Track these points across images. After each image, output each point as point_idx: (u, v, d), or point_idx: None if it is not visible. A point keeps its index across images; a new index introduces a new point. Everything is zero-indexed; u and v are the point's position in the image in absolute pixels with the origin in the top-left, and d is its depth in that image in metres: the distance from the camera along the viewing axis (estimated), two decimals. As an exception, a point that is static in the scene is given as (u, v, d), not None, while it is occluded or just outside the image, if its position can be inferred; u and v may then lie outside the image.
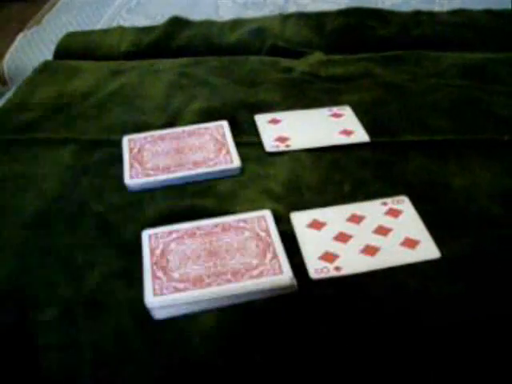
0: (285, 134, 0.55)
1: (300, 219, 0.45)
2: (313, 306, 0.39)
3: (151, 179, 0.50)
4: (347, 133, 0.55)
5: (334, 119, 0.57)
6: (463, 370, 0.35)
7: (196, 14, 0.85)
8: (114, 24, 0.88)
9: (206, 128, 0.56)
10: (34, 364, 0.37)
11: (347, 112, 0.58)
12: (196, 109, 0.60)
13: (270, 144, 0.54)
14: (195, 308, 0.39)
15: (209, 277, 0.40)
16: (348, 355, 0.36)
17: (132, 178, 0.50)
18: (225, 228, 0.44)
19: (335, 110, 0.58)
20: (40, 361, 0.37)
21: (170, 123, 0.58)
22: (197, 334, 0.38)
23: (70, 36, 0.81)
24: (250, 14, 0.87)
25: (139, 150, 0.53)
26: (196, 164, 0.51)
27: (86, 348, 0.38)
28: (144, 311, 0.39)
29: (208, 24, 0.80)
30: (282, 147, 0.53)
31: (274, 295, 0.40)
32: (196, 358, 0.37)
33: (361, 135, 0.54)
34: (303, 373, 0.35)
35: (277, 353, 0.36)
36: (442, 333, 0.37)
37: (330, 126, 0.56)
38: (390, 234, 0.43)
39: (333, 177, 0.50)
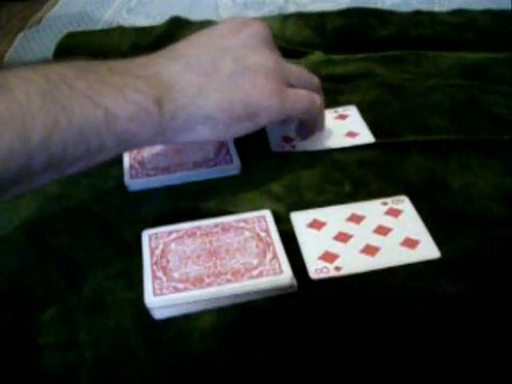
0: (291, 135, 0.55)
1: (300, 219, 0.45)
2: (313, 306, 0.39)
3: (151, 179, 0.50)
4: (352, 135, 0.54)
5: (339, 121, 0.56)
6: (463, 370, 0.35)
7: (196, 14, 0.85)
8: (114, 24, 0.88)
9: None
10: (33, 364, 0.37)
11: (352, 112, 0.58)
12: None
13: (276, 144, 0.54)
14: (195, 308, 0.39)
15: (209, 277, 0.40)
16: (348, 355, 0.36)
17: (132, 178, 0.50)
18: (225, 228, 0.44)
19: (341, 111, 0.58)
20: (40, 361, 0.37)
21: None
22: (197, 334, 0.38)
23: (70, 36, 0.81)
24: (250, 13, 0.87)
25: (139, 150, 0.53)
26: (196, 164, 0.51)
27: (86, 348, 0.38)
28: (144, 311, 0.39)
29: (208, 24, 0.80)
30: (287, 147, 0.54)
31: (274, 295, 0.40)
32: (196, 357, 0.37)
33: (365, 136, 0.54)
34: (303, 372, 0.35)
35: (277, 352, 0.37)
36: (443, 333, 0.37)
37: (335, 128, 0.55)
38: (390, 234, 0.43)
39: (333, 177, 0.50)
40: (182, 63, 0.42)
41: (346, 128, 0.55)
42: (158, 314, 0.39)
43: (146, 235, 0.44)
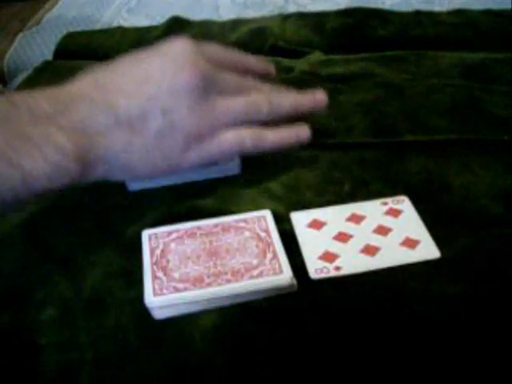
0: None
1: (300, 219, 0.45)
2: (313, 306, 0.39)
3: (151, 179, 0.50)
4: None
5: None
6: (463, 369, 0.35)
7: (196, 14, 0.85)
8: (114, 24, 0.88)
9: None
10: (33, 364, 0.37)
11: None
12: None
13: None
14: (195, 308, 0.39)
15: (209, 277, 0.40)
16: (348, 355, 0.36)
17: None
18: (225, 228, 0.44)
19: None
20: (40, 361, 0.37)
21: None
22: (197, 334, 0.38)
23: (70, 36, 0.81)
24: (250, 13, 0.87)
25: None
26: (196, 164, 0.51)
27: (86, 348, 0.38)
28: (144, 311, 0.39)
29: (208, 24, 0.80)
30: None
31: (274, 295, 0.40)
32: (196, 357, 0.37)
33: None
34: (303, 372, 0.35)
35: (277, 352, 0.37)
36: (442, 333, 0.37)
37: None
38: (390, 234, 0.43)
39: (333, 177, 0.50)
40: (110, 115, 0.40)
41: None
42: (158, 314, 0.39)
43: (146, 235, 0.44)
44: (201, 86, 0.43)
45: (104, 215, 0.48)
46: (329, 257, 0.42)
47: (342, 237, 0.44)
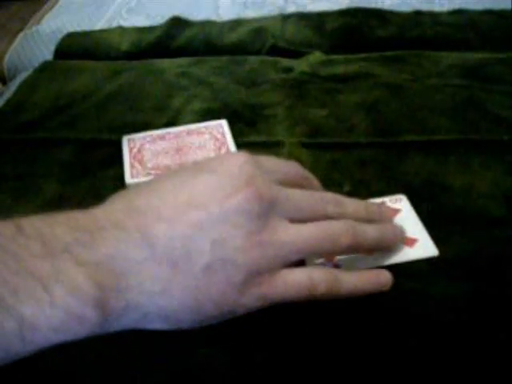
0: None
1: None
2: (313, 305, 0.39)
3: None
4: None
5: None
6: (460, 369, 0.35)
7: (196, 14, 0.85)
8: (114, 24, 0.88)
9: (205, 127, 0.56)
10: (33, 364, 0.37)
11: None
12: (196, 109, 0.60)
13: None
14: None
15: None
16: (347, 355, 0.36)
17: (132, 178, 0.50)
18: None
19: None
20: (40, 361, 0.37)
21: (170, 123, 0.58)
22: (197, 334, 0.38)
23: (70, 36, 0.81)
24: (250, 13, 0.87)
25: (139, 150, 0.53)
26: (196, 163, 0.52)
27: (86, 348, 0.38)
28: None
29: (208, 24, 0.80)
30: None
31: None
32: (196, 357, 0.37)
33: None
34: (303, 372, 0.35)
35: (277, 352, 0.37)
36: (440, 332, 0.37)
37: None
38: (390, 234, 0.43)
39: (333, 177, 0.50)
40: (146, 247, 0.32)
41: None
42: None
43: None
44: (260, 209, 0.34)
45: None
46: (328, 255, 0.42)
47: (342, 236, 0.43)
